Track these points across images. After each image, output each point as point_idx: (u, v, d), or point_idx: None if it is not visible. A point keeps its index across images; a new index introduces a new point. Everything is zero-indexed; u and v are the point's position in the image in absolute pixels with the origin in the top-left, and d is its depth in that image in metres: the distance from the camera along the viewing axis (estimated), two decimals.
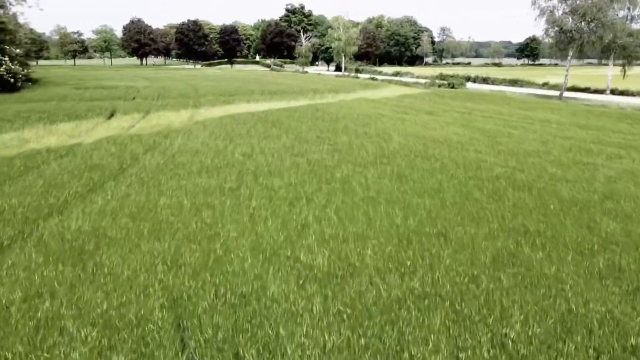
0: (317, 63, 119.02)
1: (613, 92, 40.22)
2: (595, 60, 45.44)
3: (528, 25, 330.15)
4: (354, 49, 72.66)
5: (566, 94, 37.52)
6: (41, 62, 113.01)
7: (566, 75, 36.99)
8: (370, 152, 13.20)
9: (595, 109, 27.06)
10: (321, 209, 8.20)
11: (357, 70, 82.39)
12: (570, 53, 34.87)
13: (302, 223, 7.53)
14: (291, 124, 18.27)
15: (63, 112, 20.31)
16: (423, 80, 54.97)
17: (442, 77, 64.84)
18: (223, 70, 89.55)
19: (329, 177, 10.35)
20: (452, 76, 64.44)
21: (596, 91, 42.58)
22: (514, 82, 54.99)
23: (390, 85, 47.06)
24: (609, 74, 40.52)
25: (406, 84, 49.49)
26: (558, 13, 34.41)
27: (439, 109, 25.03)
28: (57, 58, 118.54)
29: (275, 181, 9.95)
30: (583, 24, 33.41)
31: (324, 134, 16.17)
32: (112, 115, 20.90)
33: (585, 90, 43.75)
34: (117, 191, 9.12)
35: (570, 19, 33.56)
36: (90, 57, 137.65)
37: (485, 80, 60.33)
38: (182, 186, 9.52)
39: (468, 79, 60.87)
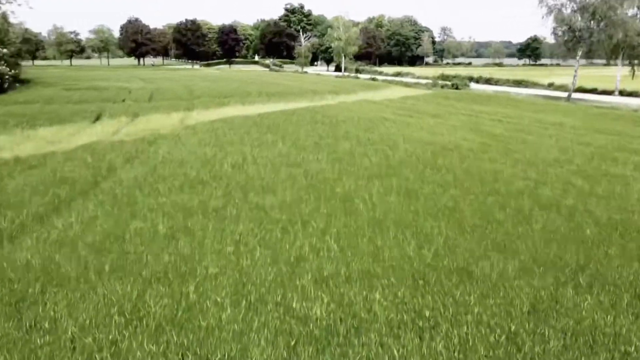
0: (315, 63, 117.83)
1: (622, 93, 39.02)
2: (597, 61, 44.18)
3: (528, 25, 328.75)
4: (354, 49, 71.45)
5: (574, 95, 36.32)
6: (37, 62, 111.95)
7: (574, 76, 35.78)
8: (375, 162, 11.98)
9: (608, 111, 25.86)
10: (319, 236, 6.98)
11: (357, 71, 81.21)
12: (579, 53, 33.65)
13: (296, 255, 6.31)
14: (288, 128, 17.05)
15: (46, 116, 19.09)
16: (425, 81, 53.78)
17: (444, 77, 63.76)
18: (221, 71, 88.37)
19: (329, 194, 9.13)
20: (454, 76, 63.31)
21: (604, 92, 41.37)
22: (518, 83, 53.82)
23: (391, 86, 45.87)
24: (617, 74, 39.32)
25: (408, 85, 48.28)
26: (566, 11, 33.22)
27: (445, 112, 23.82)
28: (54, 58, 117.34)
29: (268, 198, 8.74)
30: (592, 22, 32.20)
31: (323, 140, 14.96)
32: (98, 118, 19.69)
33: (592, 91, 42.53)
34: (83, 212, 7.90)
35: (580, 17, 32.34)
36: (88, 57, 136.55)
37: (488, 81, 59.14)
38: (160, 205, 8.30)
39: (470, 79, 59.69)
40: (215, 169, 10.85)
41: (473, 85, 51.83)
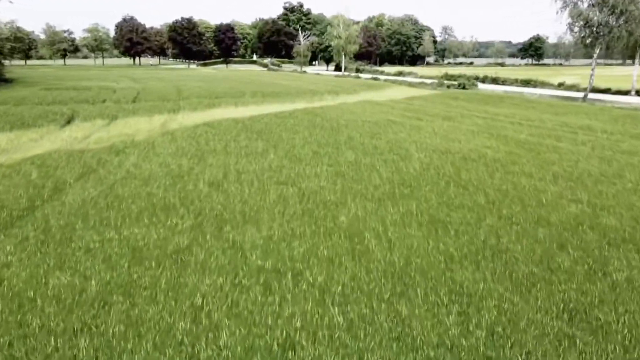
0: (314, 63, 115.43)
1: (638, 92, 36.91)
2: (601, 60, 42.10)
3: (528, 25, 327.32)
4: (355, 47, 69.22)
5: (590, 95, 34.22)
6: (31, 61, 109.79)
7: (591, 75, 33.67)
8: (385, 177, 9.87)
9: (634, 113, 23.73)
10: (317, 300, 4.86)
11: (357, 70, 79.09)
12: (597, 50, 31.54)
13: (282, 340, 4.19)
14: (282, 134, 14.93)
15: (9, 119, 16.95)
16: (429, 81, 51.66)
17: (448, 77, 61.54)
18: (218, 70, 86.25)
19: (330, 224, 7.02)
20: (459, 76, 61.17)
21: (618, 92, 39.28)
22: (526, 83, 51.65)
23: (394, 86, 43.74)
24: (634, 73, 37.20)
25: (411, 85, 46.16)
26: (583, 5, 31.10)
27: (456, 114, 21.70)
28: (50, 58, 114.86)
29: (248, 233, 6.62)
30: (611, 17, 30.09)
31: (322, 148, 12.84)
32: (69, 122, 17.55)
33: (606, 91, 40.40)
34: None
35: (598, 12, 30.22)
36: (86, 57, 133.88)
37: (494, 81, 56.97)
38: (103, 245, 6.18)
39: (476, 79, 57.65)
40: (188, 189, 8.73)
41: (480, 85, 49.70)
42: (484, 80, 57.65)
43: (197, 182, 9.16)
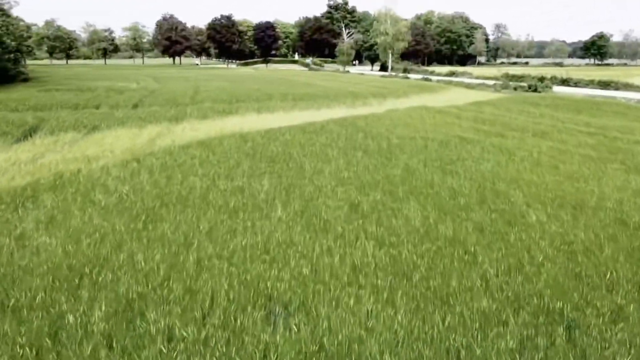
0: (354, 62, 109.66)
1: None
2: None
3: (583, 25, 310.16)
4: (403, 44, 63.39)
5: None
6: (72, 61, 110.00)
7: None
8: (496, 286, 4.76)
9: None
10: None
11: (405, 70, 73.41)
12: None
13: None
14: (306, 163, 10.02)
15: None
16: (489, 82, 45.46)
17: (509, 77, 55.60)
18: (256, 70, 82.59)
19: None
20: (521, 76, 54.99)
21: None
22: (605, 85, 44.58)
23: (450, 88, 38.08)
24: None
25: (470, 86, 40.28)
26: None
27: (549, 127, 16.18)
28: (93, 57, 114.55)
29: None
30: None
31: (366, 193, 7.84)
32: (28, 135, 13.32)
33: None
34: None
35: None
36: (131, 57, 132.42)
37: (565, 82, 50.09)
38: None
39: (541, 79, 51.03)
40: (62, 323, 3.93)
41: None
42: (551, 81, 50.87)
43: (92, 303, 4.33)
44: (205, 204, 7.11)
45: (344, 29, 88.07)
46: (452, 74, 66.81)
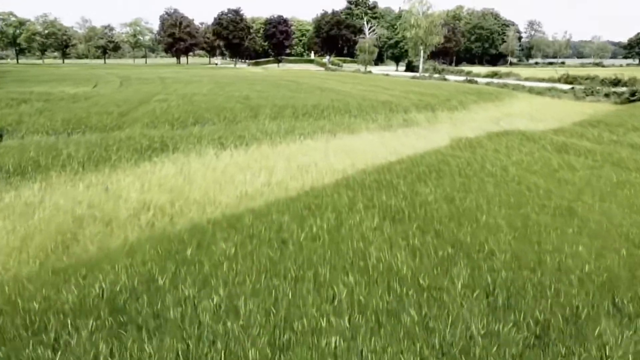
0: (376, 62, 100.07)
1: None
2: None
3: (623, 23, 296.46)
4: (437, 39, 53.83)
5: None
6: (69, 60, 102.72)
7: None
8: None
9: None
10: None
11: (435, 70, 64.02)
12: None
13: None
14: None
15: None
16: (562, 86, 35.58)
17: (571, 79, 46.98)
18: (266, 71, 73.87)
19: None
20: (587, 78, 46.22)
21: None
22: None
23: (513, 94, 28.70)
24: None
25: (537, 92, 30.75)
26: None
27: None
28: (90, 56, 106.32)
29: None
30: None
31: None
32: None
33: None
34: None
35: None
36: (143, 56, 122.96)
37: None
38: None
39: (616, 82, 41.33)
40: None
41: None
42: (616, 84, 41.00)
43: None
44: None
45: (365, 23, 78.75)
46: (494, 74, 57.24)
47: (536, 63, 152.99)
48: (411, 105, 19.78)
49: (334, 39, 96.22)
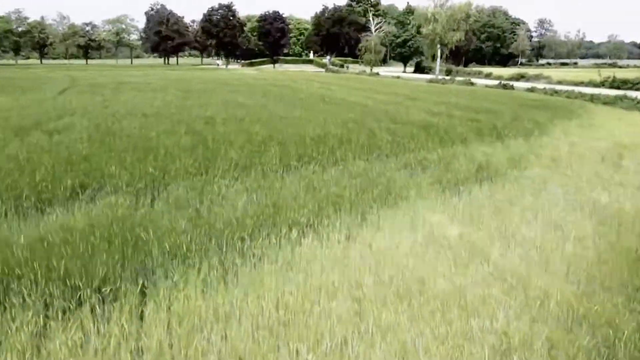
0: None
1: None
2: None
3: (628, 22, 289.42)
4: (459, 35, 46.56)
5: None
6: (47, 61, 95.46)
7: None
8: None
9: None
10: None
11: (450, 72, 56.88)
12: None
13: None
14: None
15: None
16: (618, 93, 28.51)
17: (619, 82, 40.64)
18: (260, 72, 66.58)
19: None
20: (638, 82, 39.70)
21: None
22: None
23: (590, 107, 21.42)
24: None
25: (605, 102, 23.53)
26: None
27: None
28: (67, 56, 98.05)
29: None
30: None
31: None
32: None
33: None
34: None
35: None
36: (131, 57, 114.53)
37: None
38: None
39: None
40: None
41: None
42: None
43: None
44: None
45: (371, 19, 71.45)
46: (520, 77, 50.13)
47: (548, 64, 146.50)
48: (466, 130, 12.64)
49: (335, 37, 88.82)
